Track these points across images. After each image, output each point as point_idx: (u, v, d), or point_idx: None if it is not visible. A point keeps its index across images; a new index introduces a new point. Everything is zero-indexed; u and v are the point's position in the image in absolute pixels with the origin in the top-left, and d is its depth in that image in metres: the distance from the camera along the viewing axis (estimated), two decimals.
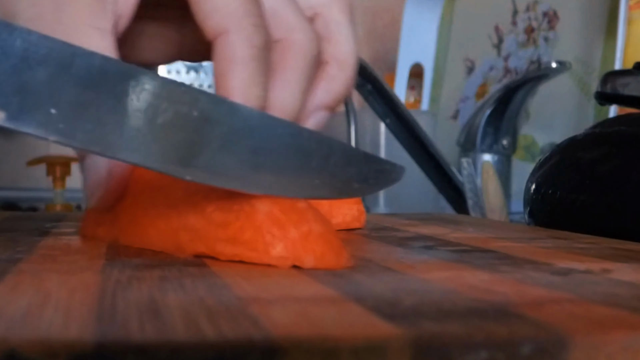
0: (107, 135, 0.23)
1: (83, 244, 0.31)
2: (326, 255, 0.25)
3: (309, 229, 0.25)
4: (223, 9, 0.31)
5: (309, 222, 0.26)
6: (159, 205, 0.29)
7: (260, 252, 0.25)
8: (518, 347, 0.16)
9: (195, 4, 0.31)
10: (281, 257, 0.25)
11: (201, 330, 0.15)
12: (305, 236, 0.25)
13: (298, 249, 0.25)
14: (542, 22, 0.97)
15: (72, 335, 0.14)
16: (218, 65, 0.31)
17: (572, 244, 0.35)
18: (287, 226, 0.25)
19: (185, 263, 0.26)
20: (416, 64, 1.16)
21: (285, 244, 0.25)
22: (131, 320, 0.16)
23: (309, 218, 0.26)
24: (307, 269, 0.25)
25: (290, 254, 0.25)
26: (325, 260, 0.25)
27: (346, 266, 0.26)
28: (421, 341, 0.15)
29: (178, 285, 0.21)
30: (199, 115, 0.24)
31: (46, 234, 0.35)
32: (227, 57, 0.30)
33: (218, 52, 0.31)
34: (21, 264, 0.24)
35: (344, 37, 0.36)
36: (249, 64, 0.30)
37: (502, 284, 0.22)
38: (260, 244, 0.25)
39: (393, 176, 0.30)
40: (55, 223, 0.41)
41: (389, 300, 0.19)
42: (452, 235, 0.38)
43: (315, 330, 0.15)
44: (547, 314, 0.18)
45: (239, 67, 0.30)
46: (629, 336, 0.16)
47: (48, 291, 0.19)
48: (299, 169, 0.27)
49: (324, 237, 0.26)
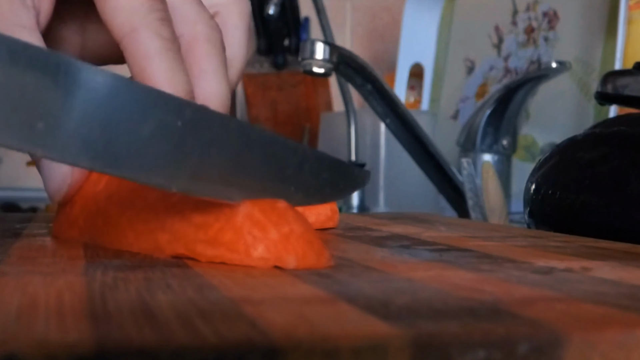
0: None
1: (58, 245, 0.31)
2: (308, 255, 0.25)
3: (290, 230, 0.25)
4: (128, 7, 0.31)
5: (289, 223, 0.26)
6: (135, 205, 0.28)
7: (241, 254, 0.25)
8: (515, 346, 0.16)
9: (101, 4, 0.32)
10: (262, 258, 0.25)
11: (199, 332, 0.15)
12: (286, 237, 0.25)
13: (279, 250, 0.25)
14: (542, 22, 0.97)
15: (71, 338, 0.14)
16: (135, 63, 0.31)
17: (546, 243, 0.35)
18: (267, 227, 0.25)
19: (166, 264, 0.25)
20: (416, 64, 1.16)
21: (266, 245, 0.25)
22: (127, 322, 0.16)
23: (289, 218, 0.26)
24: (289, 269, 0.25)
25: (271, 255, 0.25)
26: (307, 260, 0.25)
27: (327, 266, 0.26)
28: (421, 340, 0.15)
29: (165, 286, 0.21)
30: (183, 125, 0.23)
31: (18, 235, 0.34)
32: (141, 53, 0.31)
33: (130, 50, 0.31)
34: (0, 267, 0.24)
35: (237, 40, 0.37)
36: (165, 55, 0.31)
37: (488, 283, 0.23)
38: (241, 246, 0.25)
39: (360, 180, 0.31)
40: (24, 224, 0.40)
41: (381, 300, 0.19)
42: (426, 235, 0.38)
43: (314, 331, 0.15)
44: (540, 312, 0.18)
45: (157, 59, 0.31)
46: (622, 334, 0.16)
47: (35, 294, 0.19)
48: (276, 177, 0.27)
49: (304, 237, 0.26)
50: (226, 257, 0.25)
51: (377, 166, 1.00)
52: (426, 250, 0.32)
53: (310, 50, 0.72)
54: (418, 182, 0.93)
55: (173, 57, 0.31)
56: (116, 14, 0.31)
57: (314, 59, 0.71)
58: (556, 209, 0.47)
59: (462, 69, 1.08)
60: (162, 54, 0.31)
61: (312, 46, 0.72)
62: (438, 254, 0.30)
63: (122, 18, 0.31)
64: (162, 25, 0.31)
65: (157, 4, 0.32)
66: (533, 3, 0.99)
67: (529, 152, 0.95)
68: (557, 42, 0.95)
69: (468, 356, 0.15)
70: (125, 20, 0.31)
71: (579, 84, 0.90)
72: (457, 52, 1.10)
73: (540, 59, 0.96)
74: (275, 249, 0.25)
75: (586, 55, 0.90)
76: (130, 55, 0.31)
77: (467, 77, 1.07)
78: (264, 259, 0.25)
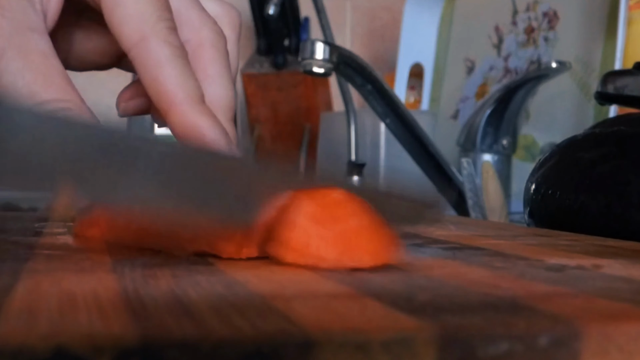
0: None
1: (81, 243, 0.32)
2: (376, 249, 0.24)
3: (353, 223, 0.24)
4: (137, 16, 0.32)
5: (351, 216, 0.24)
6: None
7: (302, 252, 0.24)
8: (536, 339, 0.16)
9: (108, 14, 0.33)
10: (325, 256, 0.23)
11: (236, 326, 0.16)
12: (349, 231, 0.23)
13: (349, 247, 0.23)
14: (542, 22, 0.98)
15: (116, 331, 0.15)
16: (146, 72, 0.32)
17: (556, 241, 0.36)
18: (329, 223, 0.23)
19: (191, 261, 0.26)
20: (416, 64, 1.16)
21: (329, 242, 0.23)
22: (165, 317, 0.16)
23: (350, 211, 0.24)
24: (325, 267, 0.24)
25: (335, 251, 0.23)
26: (376, 255, 0.24)
27: (402, 260, 0.24)
28: (447, 334, 0.16)
29: (194, 283, 0.21)
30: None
31: (40, 234, 0.35)
32: (152, 62, 0.32)
33: (141, 59, 0.32)
34: (31, 264, 0.25)
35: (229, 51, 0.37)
36: (175, 62, 0.32)
37: (504, 280, 0.23)
38: (301, 244, 0.24)
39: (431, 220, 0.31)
40: (42, 223, 0.41)
41: (404, 296, 0.20)
42: (437, 233, 0.39)
43: (346, 325, 0.16)
44: (557, 307, 0.19)
45: (168, 67, 0.32)
46: (638, 327, 0.17)
47: (71, 290, 0.20)
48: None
49: (369, 230, 0.24)
50: (289, 257, 0.24)
51: (377, 166, 1.00)
52: (439, 249, 0.32)
53: (310, 50, 0.72)
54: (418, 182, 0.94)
55: (183, 63, 0.32)
56: (125, 23, 0.32)
57: (314, 59, 0.72)
58: (556, 208, 0.48)
59: (462, 69, 1.09)
60: (172, 62, 0.32)
61: (312, 46, 0.72)
62: (451, 252, 0.31)
63: (131, 27, 0.32)
64: (170, 34, 0.32)
65: (165, 13, 0.33)
66: (533, 3, 0.99)
67: (529, 152, 0.95)
68: (557, 42, 0.95)
69: (491, 349, 0.16)
70: (134, 30, 0.32)
71: (579, 84, 0.90)
72: (457, 52, 1.10)
73: (540, 59, 0.97)
74: (339, 245, 0.23)
75: (586, 55, 0.90)
76: (141, 64, 0.32)
77: (467, 77, 1.08)
78: (327, 257, 0.23)
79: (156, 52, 0.32)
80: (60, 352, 0.14)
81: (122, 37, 0.32)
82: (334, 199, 0.24)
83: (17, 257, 0.26)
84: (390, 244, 0.24)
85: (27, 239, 0.33)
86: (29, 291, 0.20)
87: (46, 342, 0.14)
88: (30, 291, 0.20)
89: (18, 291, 0.19)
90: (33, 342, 0.14)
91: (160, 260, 0.26)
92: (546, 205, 0.48)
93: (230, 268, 0.25)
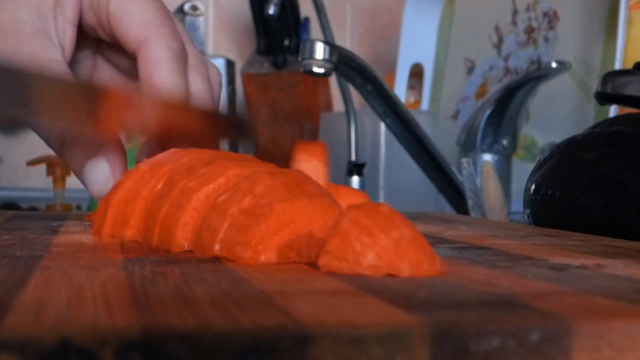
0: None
1: (95, 241, 0.32)
2: (421, 262, 0.24)
3: (400, 234, 0.24)
4: (142, 21, 0.37)
5: (398, 227, 0.24)
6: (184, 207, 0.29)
7: (350, 262, 0.24)
8: (527, 335, 0.17)
9: (116, 23, 0.38)
10: (374, 266, 0.24)
11: (236, 320, 0.16)
12: (397, 242, 0.24)
13: (391, 257, 0.24)
14: (542, 22, 0.98)
15: (119, 323, 0.15)
16: (144, 68, 0.37)
17: (564, 242, 0.36)
18: (376, 233, 0.24)
19: (200, 260, 0.27)
20: (416, 64, 1.16)
21: (376, 251, 0.24)
22: (169, 311, 0.17)
23: (397, 222, 0.24)
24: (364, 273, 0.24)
25: (383, 262, 0.24)
26: (421, 267, 0.24)
27: (442, 273, 0.24)
28: (440, 329, 0.16)
29: (201, 280, 0.22)
30: None
31: (56, 232, 0.36)
32: (151, 60, 0.37)
33: (142, 57, 0.37)
34: (44, 261, 0.25)
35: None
36: (170, 65, 0.37)
37: (504, 278, 0.24)
38: (349, 253, 0.24)
39: None
40: (60, 222, 0.42)
41: (403, 293, 0.20)
42: (447, 233, 0.39)
43: (342, 319, 0.17)
44: (552, 304, 0.19)
45: (163, 68, 0.37)
46: (628, 325, 0.17)
47: (81, 285, 0.20)
48: None
49: (415, 242, 0.24)
50: (334, 266, 0.24)
51: (377, 166, 1.00)
52: (447, 248, 0.33)
53: (310, 50, 0.72)
54: (418, 182, 0.94)
55: (177, 67, 0.37)
56: (131, 27, 0.37)
57: (314, 59, 0.72)
58: (556, 208, 0.48)
59: (462, 69, 1.09)
60: (167, 64, 0.37)
61: (312, 46, 0.72)
62: (458, 251, 0.31)
63: (136, 30, 0.37)
64: (171, 38, 0.37)
65: (166, 20, 0.38)
66: (533, 3, 1.00)
67: (529, 152, 0.96)
68: (557, 42, 0.96)
69: (484, 344, 0.16)
70: (139, 32, 0.37)
71: (579, 84, 0.91)
72: (457, 52, 1.11)
73: (540, 59, 0.97)
74: (387, 256, 0.24)
75: (586, 55, 0.91)
76: (142, 60, 0.37)
77: (467, 77, 1.08)
78: (376, 267, 0.24)
79: (156, 53, 0.37)
80: (65, 344, 0.14)
81: (129, 40, 0.37)
82: (383, 211, 0.25)
83: (33, 254, 0.27)
84: (432, 257, 0.25)
85: (43, 237, 0.33)
86: (40, 286, 0.20)
87: (52, 334, 0.14)
88: (41, 286, 0.20)
89: (30, 286, 0.20)
90: (39, 334, 0.14)
91: (171, 258, 0.27)
92: (546, 205, 0.48)
93: (238, 266, 0.25)
